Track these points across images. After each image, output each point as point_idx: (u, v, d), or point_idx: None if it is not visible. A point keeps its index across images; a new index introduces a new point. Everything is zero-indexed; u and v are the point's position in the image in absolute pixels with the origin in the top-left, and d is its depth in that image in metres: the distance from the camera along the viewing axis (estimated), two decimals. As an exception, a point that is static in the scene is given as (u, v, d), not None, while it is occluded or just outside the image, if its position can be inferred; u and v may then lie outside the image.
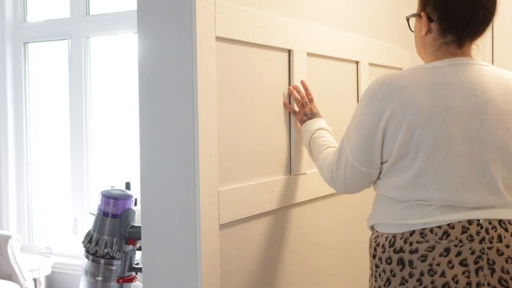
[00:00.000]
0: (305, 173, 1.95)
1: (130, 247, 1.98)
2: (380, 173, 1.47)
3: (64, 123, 4.30)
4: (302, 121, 1.85)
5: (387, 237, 1.43)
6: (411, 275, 1.38)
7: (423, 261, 1.37)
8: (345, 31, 2.21)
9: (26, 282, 3.76)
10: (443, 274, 1.36)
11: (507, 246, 1.40)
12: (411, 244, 1.39)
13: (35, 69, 4.46)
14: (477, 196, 1.40)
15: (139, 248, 1.99)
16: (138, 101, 1.58)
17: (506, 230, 1.41)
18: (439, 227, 1.38)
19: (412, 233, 1.39)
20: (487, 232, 1.39)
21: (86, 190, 4.21)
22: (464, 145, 1.37)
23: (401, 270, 1.39)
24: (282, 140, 1.86)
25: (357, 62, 2.30)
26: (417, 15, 1.51)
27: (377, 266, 1.45)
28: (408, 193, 1.41)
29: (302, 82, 1.89)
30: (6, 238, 3.77)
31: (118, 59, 4.19)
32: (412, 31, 1.58)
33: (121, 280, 1.96)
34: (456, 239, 1.37)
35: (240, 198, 1.64)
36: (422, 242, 1.38)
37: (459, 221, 1.38)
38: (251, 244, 1.71)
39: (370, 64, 2.39)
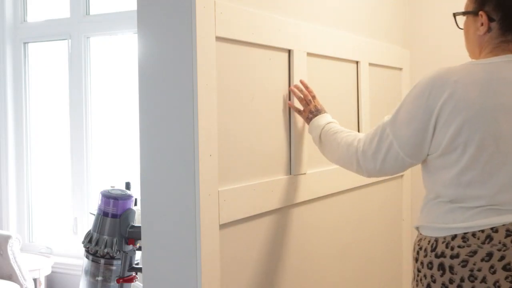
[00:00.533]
0: (305, 173, 1.95)
1: (130, 247, 1.98)
2: (425, 165, 1.48)
3: (64, 123, 4.30)
4: (309, 119, 1.84)
5: (429, 241, 1.42)
6: (451, 281, 1.36)
7: (463, 266, 1.35)
8: (345, 31, 2.21)
9: (26, 282, 3.76)
10: (484, 280, 1.33)
11: None
12: (452, 248, 1.37)
13: (35, 69, 4.46)
14: None
15: (139, 248, 1.98)
16: (138, 101, 1.58)
17: None
18: (482, 231, 1.36)
19: (454, 237, 1.38)
20: None
21: (86, 190, 4.21)
22: None
23: (441, 276, 1.37)
24: (282, 140, 1.86)
25: (357, 62, 2.30)
26: (473, 13, 1.48)
27: (418, 271, 1.44)
28: (451, 191, 1.40)
29: (301, 81, 1.89)
30: (6, 238, 3.77)
31: (118, 59, 4.19)
32: (460, 28, 1.56)
33: (121, 280, 1.96)
34: (500, 243, 1.34)
35: (240, 198, 1.64)
36: (463, 247, 1.36)
37: (503, 224, 1.35)
38: (251, 244, 1.71)
39: (370, 64, 2.39)
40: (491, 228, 1.35)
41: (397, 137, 1.47)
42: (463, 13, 1.53)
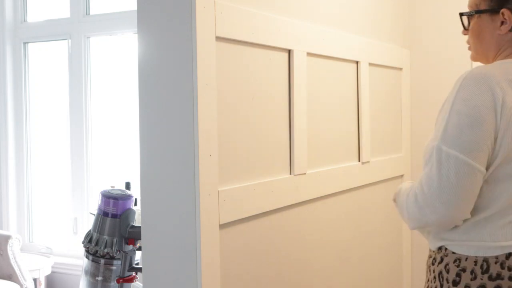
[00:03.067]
0: (305, 173, 1.95)
1: (130, 247, 1.98)
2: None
3: (64, 123, 4.30)
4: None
5: (476, 261, 1.27)
6: None
7: None
8: (345, 31, 2.21)
9: (26, 282, 3.76)
10: None
11: None
12: (509, 269, 1.25)
13: (35, 69, 4.46)
14: None
15: (139, 248, 1.99)
16: (138, 101, 1.58)
17: None
18: None
19: (508, 256, 1.26)
20: None
21: (86, 190, 4.21)
22: None
23: None
24: (282, 140, 1.86)
25: (357, 62, 2.30)
26: (490, 12, 1.38)
27: None
28: (500, 206, 1.27)
29: None
30: (6, 238, 3.77)
31: (118, 59, 4.19)
32: (465, 28, 1.46)
33: (121, 280, 1.96)
34: None
35: (240, 198, 1.64)
36: None
37: None
38: (251, 244, 1.71)
39: (370, 64, 2.39)
40: None
41: (461, 147, 1.24)
42: (476, 12, 1.40)
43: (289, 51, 1.87)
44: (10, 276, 3.75)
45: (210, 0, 1.50)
